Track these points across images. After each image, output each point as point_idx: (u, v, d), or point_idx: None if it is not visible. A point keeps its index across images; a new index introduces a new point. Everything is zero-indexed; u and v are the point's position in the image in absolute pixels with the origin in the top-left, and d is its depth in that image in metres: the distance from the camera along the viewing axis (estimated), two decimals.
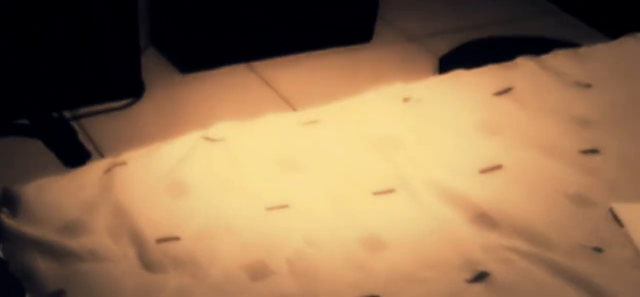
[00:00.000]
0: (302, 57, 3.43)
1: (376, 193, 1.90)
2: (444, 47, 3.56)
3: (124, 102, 3.08)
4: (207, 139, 2.01)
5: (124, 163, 1.91)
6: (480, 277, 1.69)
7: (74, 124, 2.91)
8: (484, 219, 1.83)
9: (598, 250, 1.77)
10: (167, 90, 3.19)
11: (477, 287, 1.67)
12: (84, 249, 1.68)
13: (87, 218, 1.76)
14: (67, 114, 2.94)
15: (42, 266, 1.65)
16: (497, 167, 1.99)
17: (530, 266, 1.71)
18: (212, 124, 2.06)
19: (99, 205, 1.79)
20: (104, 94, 3.06)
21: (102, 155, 2.78)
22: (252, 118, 2.10)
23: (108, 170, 1.88)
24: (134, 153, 1.96)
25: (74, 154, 2.72)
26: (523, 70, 2.37)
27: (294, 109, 2.97)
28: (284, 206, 1.83)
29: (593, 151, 2.07)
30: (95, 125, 2.96)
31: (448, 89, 2.28)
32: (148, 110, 3.08)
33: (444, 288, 1.66)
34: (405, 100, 2.22)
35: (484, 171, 1.97)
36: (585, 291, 1.65)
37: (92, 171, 1.89)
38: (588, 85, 2.33)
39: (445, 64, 3.37)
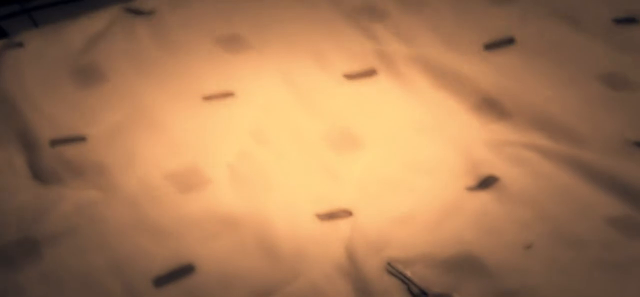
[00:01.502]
0: None
1: (349, 76, 1.74)
2: None
3: None
4: (131, 11, 1.88)
5: (19, 44, 1.76)
6: (486, 183, 1.53)
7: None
8: (491, 106, 1.69)
9: (639, 145, 1.63)
10: None
11: (482, 196, 1.50)
12: None
13: None
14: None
15: None
16: (508, 40, 1.84)
17: (551, 167, 1.55)
18: None
19: None
20: None
21: None
22: None
23: None
24: (35, 31, 1.82)
25: None
26: None
27: None
28: (227, 94, 1.68)
29: (629, 20, 1.91)
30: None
31: None
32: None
33: (439, 198, 1.51)
34: None
35: (491, 46, 1.82)
36: (624, 197, 1.49)
37: None
38: None
39: None
